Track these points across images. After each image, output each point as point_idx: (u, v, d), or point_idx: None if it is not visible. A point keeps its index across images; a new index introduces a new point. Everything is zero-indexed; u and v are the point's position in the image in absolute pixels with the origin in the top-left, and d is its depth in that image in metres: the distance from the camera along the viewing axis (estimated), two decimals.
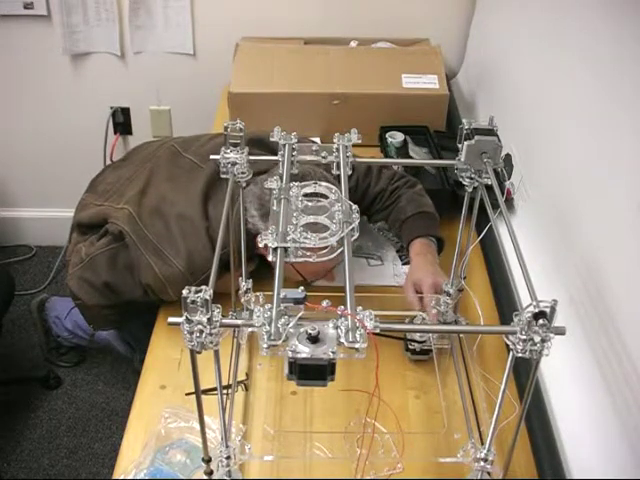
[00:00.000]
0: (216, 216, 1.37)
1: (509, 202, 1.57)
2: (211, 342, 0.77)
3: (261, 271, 1.37)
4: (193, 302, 0.74)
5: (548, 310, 0.74)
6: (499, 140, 1.05)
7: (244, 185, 1.08)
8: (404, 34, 2.14)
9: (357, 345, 0.72)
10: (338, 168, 1.03)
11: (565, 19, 1.41)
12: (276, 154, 1.06)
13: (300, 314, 0.75)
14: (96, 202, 1.57)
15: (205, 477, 1.00)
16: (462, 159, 1.07)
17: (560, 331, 0.76)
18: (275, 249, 0.86)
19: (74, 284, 1.46)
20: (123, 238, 1.41)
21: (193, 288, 0.74)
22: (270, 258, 0.86)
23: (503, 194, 1.07)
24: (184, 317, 0.75)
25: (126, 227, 1.40)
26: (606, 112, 1.18)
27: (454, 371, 1.27)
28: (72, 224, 1.61)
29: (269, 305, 0.76)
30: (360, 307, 0.77)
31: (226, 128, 1.04)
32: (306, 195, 0.97)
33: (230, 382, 1.17)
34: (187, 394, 1.20)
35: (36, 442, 2.02)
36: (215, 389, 1.02)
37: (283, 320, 0.74)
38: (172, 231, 1.38)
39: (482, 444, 1.00)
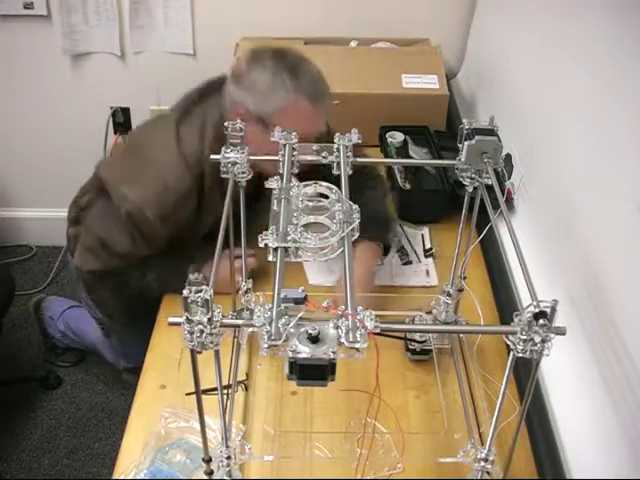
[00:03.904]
0: (188, 135, 1.36)
1: (509, 202, 1.57)
2: (211, 342, 0.77)
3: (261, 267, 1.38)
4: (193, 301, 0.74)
5: (548, 310, 0.74)
6: (499, 140, 1.05)
7: (244, 184, 1.08)
8: (404, 34, 2.13)
9: (358, 345, 0.72)
10: (338, 168, 1.03)
11: (565, 19, 1.41)
12: None
13: (300, 314, 0.75)
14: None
15: (205, 477, 1.00)
16: (462, 159, 1.07)
17: (560, 331, 0.75)
18: (275, 249, 0.86)
19: (78, 257, 1.46)
20: (105, 188, 1.40)
21: (194, 288, 0.74)
22: (270, 258, 0.86)
23: (503, 194, 1.07)
24: (184, 317, 0.75)
25: (101, 170, 1.43)
26: (606, 112, 1.18)
27: (454, 371, 1.27)
28: (67, 225, 1.62)
29: (269, 305, 0.76)
30: (360, 307, 0.77)
31: (226, 128, 1.04)
32: (306, 195, 0.97)
33: (230, 382, 1.17)
34: (187, 394, 1.20)
35: (36, 442, 2.02)
36: (215, 389, 1.02)
37: (283, 320, 0.74)
38: (144, 157, 1.38)
39: (482, 444, 1.00)
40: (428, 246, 1.62)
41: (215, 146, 1.31)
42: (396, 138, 1.82)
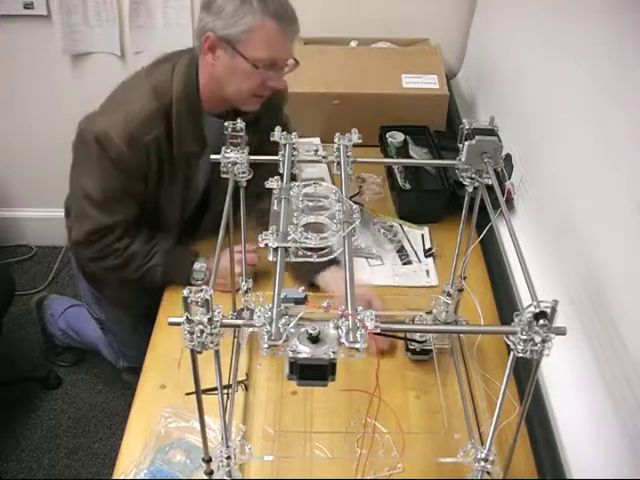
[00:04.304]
0: (158, 71, 1.40)
1: (509, 202, 1.57)
2: (211, 342, 0.77)
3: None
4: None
5: (549, 310, 0.74)
6: (499, 140, 1.05)
7: (244, 184, 1.08)
8: (404, 34, 2.13)
9: (358, 345, 0.72)
10: (338, 168, 1.03)
11: (565, 19, 1.41)
12: None
13: (301, 314, 0.75)
14: None
15: (205, 477, 1.00)
16: (463, 159, 1.07)
17: (561, 331, 0.76)
18: (275, 249, 0.86)
19: (73, 231, 1.46)
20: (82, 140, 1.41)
21: (194, 288, 0.74)
22: (271, 258, 0.86)
23: (503, 194, 1.07)
24: (184, 317, 0.75)
25: (78, 125, 1.42)
26: (606, 112, 1.18)
27: (454, 371, 1.27)
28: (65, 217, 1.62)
29: (269, 305, 0.76)
30: (361, 307, 0.77)
31: (226, 128, 1.04)
32: (306, 195, 0.97)
33: (230, 382, 1.17)
34: (187, 394, 1.20)
35: (36, 442, 2.02)
36: (215, 389, 1.02)
37: (284, 320, 0.74)
38: (114, 97, 1.42)
39: (482, 444, 1.00)
40: (428, 246, 1.62)
41: (184, 83, 1.36)
42: (396, 138, 1.82)
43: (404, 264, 1.57)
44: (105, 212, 1.40)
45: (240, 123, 1.04)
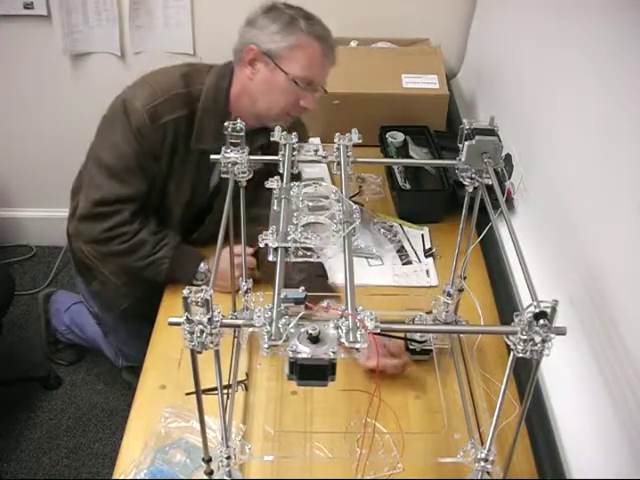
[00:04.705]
0: (194, 65, 1.45)
1: (509, 202, 1.57)
2: (211, 342, 0.77)
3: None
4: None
5: (549, 310, 0.74)
6: (499, 140, 1.05)
7: (244, 184, 1.08)
8: (404, 34, 2.13)
9: (358, 345, 0.72)
10: (338, 168, 1.03)
11: (565, 19, 1.41)
12: None
13: (301, 314, 0.75)
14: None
15: (205, 477, 1.00)
16: (463, 159, 1.07)
17: (561, 331, 0.76)
18: (276, 249, 0.86)
19: (80, 202, 1.45)
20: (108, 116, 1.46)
21: (194, 288, 0.74)
22: (271, 258, 0.86)
23: (503, 194, 1.07)
24: (184, 317, 0.75)
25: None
26: (606, 111, 1.18)
27: (454, 371, 1.27)
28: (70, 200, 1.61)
29: (270, 305, 0.76)
30: (361, 307, 0.77)
31: (226, 128, 1.04)
32: (307, 195, 0.97)
33: (230, 382, 1.17)
34: (187, 394, 1.20)
35: (36, 442, 2.02)
36: (215, 389, 1.02)
37: (284, 320, 0.74)
38: (150, 73, 1.45)
39: (482, 444, 1.00)
40: (428, 246, 1.62)
41: (216, 85, 1.39)
42: (396, 138, 1.82)
43: (404, 264, 1.57)
44: (116, 181, 1.39)
45: (240, 123, 1.04)
